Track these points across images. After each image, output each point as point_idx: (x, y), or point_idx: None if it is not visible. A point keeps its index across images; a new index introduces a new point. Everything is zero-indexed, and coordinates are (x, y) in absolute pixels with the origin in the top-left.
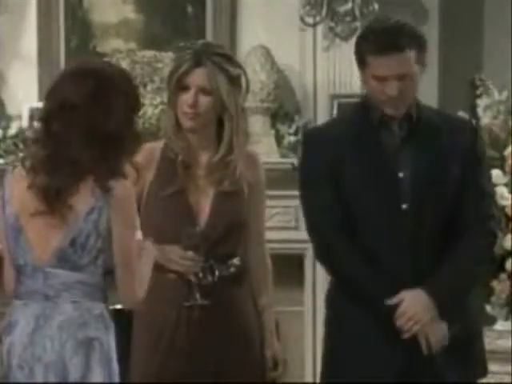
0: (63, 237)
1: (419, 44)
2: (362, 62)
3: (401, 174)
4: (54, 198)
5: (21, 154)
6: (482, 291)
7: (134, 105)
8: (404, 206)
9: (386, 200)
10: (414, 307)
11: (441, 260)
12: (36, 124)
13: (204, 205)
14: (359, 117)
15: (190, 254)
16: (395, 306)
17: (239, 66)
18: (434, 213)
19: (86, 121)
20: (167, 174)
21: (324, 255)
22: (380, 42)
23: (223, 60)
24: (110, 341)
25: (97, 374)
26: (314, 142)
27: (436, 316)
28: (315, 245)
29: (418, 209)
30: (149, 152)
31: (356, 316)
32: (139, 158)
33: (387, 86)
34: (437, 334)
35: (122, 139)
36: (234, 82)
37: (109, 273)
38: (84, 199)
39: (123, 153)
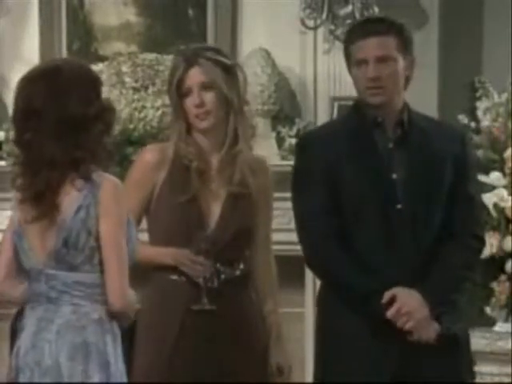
0: (56, 238)
1: (399, 32)
2: (347, 57)
3: (394, 175)
4: (42, 204)
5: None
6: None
7: (94, 85)
8: (399, 206)
9: (381, 200)
10: (409, 304)
11: (432, 262)
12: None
13: (215, 208)
14: (353, 118)
15: (201, 259)
16: (387, 305)
17: (230, 59)
18: (428, 213)
19: (50, 119)
20: (180, 181)
21: (312, 259)
22: (360, 29)
23: (214, 53)
24: (108, 345)
25: (95, 380)
26: (308, 145)
27: (428, 315)
28: (303, 248)
29: (413, 209)
30: (160, 152)
31: (347, 317)
32: (150, 157)
33: (367, 69)
34: (428, 332)
35: (86, 120)
36: (230, 71)
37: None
38: (70, 197)
39: (94, 133)
